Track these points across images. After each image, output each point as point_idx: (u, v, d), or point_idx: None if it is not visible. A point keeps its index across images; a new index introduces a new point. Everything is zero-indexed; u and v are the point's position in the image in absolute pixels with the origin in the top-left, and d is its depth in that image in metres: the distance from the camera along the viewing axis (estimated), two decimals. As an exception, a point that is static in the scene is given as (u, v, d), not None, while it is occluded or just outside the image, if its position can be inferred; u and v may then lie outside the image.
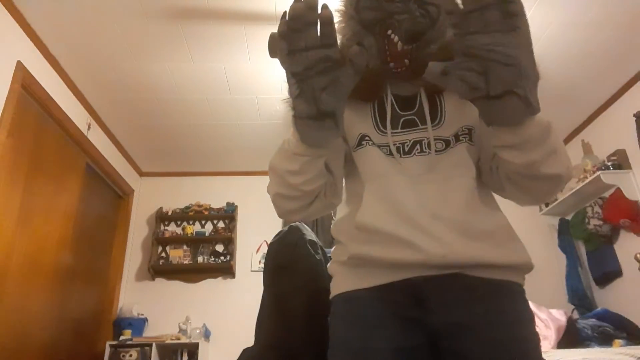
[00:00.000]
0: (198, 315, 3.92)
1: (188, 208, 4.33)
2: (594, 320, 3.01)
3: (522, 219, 3.35)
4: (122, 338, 3.59)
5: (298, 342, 1.02)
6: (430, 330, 0.80)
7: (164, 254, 4.18)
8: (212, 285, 4.13)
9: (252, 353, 1.10)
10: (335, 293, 0.90)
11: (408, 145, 0.88)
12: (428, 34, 0.86)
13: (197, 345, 3.63)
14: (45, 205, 2.97)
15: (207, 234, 4.25)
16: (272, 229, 1.73)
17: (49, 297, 3.00)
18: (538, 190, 0.80)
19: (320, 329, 0.89)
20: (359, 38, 0.91)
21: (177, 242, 4.21)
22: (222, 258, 4.12)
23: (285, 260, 1.11)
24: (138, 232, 4.29)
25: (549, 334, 2.91)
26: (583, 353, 2.08)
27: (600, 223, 3.53)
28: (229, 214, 4.31)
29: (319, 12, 0.62)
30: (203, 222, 4.36)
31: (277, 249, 1.15)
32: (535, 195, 0.82)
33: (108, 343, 3.55)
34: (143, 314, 3.89)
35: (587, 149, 3.79)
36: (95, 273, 3.73)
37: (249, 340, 1.12)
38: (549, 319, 2.98)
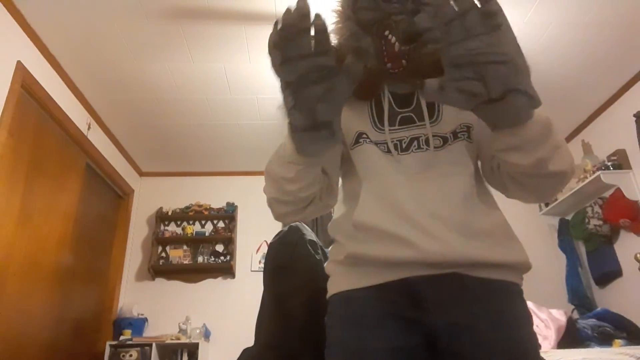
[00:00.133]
0: (198, 315, 3.92)
1: (188, 208, 4.33)
2: (594, 320, 3.00)
3: (522, 219, 3.38)
4: (122, 338, 3.59)
5: (298, 342, 1.02)
6: (428, 331, 0.79)
7: (164, 254, 4.18)
8: (212, 285, 4.13)
9: (252, 353, 1.11)
10: (333, 292, 0.90)
11: (405, 142, 0.88)
12: (425, 35, 0.86)
13: (197, 345, 3.63)
14: (45, 205, 2.97)
15: (207, 234, 4.25)
16: (272, 229, 1.72)
17: (49, 297, 2.99)
18: (543, 188, 0.79)
19: (320, 329, 0.89)
20: (357, 38, 0.90)
21: (177, 242, 4.21)
22: (222, 258, 4.12)
23: (285, 261, 1.11)
24: (138, 232, 4.29)
25: (549, 334, 2.90)
26: (583, 353, 2.08)
27: (600, 223, 3.53)
28: (229, 214, 4.31)
29: (312, 19, 0.61)
30: (203, 222, 4.36)
31: (277, 249, 1.15)
32: (541, 193, 0.82)
33: (108, 343, 3.55)
34: (143, 314, 3.89)
35: (587, 149, 3.79)
36: (95, 273, 3.73)
37: (249, 340, 1.12)
38: (549, 319, 2.97)
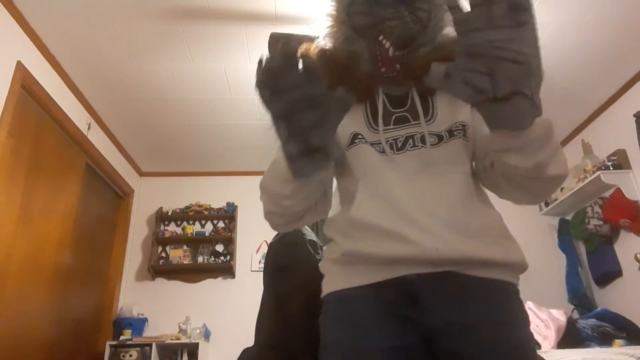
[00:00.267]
0: (198, 315, 3.92)
1: (188, 208, 4.33)
2: (594, 320, 3.01)
3: (522, 219, 3.39)
4: (122, 338, 3.59)
5: (298, 342, 1.02)
6: (426, 330, 0.79)
7: (164, 254, 4.18)
8: (212, 285, 4.13)
9: (252, 353, 1.10)
10: (327, 292, 0.88)
11: (401, 141, 0.87)
12: (419, 40, 0.86)
13: (197, 345, 3.63)
14: (45, 205, 2.97)
15: (207, 234, 4.25)
16: (272, 229, 1.72)
17: (49, 297, 2.99)
18: (539, 191, 0.79)
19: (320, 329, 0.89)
20: (351, 42, 0.92)
21: (177, 242, 4.21)
22: (222, 258, 4.12)
23: (285, 261, 1.11)
24: (138, 232, 4.29)
25: (549, 334, 2.91)
26: (583, 353, 2.08)
27: (600, 223, 3.53)
28: (229, 214, 4.31)
29: (299, 57, 0.59)
30: (203, 222, 4.36)
31: (277, 249, 1.15)
32: (536, 195, 0.82)
33: (108, 343, 3.55)
34: (143, 314, 3.89)
35: (587, 149, 3.79)
36: (95, 273, 3.73)
37: (249, 340, 1.12)
38: (549, 319, 2.97)
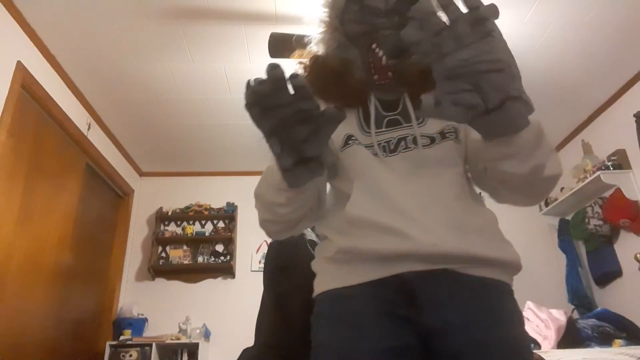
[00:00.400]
0: (198, 315, 3.92)
1: (188, 208, 4.33)
2: (594, 320, 3.00)
3: (522, 219, 3.39)
4: (122, 338, 3.59)
5: (298, 342, 1.02)
6: (423, 330, 0.78)
7: (164, 254, 4.18)
8: (212, 285, 4.13)
9: (252, 353, 1.10)
10: (320, 291, 0.87)
11: (393, 143, 0.88)
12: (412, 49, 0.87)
13: (197, 345, 3.63)
14: (45, 205, 2.97)
15: (207, 234, 4.25)
16: (272, 229, 1.72)
17: (49, 297, 2.99)
18: (536, 192, 0.80)
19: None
20: (344, 50, 0.93)
21: (177, 242, 4.21)
22: (222, 258, 4.12)
23: (285, 261, 1.11)
24: (138, 232, 4.29)
25: (549, 334, 2.91)
26: (583, 353, 2.08)
27: (600, 223, 3.53)
28: (229, 214, 4.31)
29: (288, 78, 0.60)
30: (203, 222, 4.36)
31: (277, 249, 1.15)
32: (533, 196, 0.82)
33: (108, 343, 3.55)
34: (143, 314, 3.89)
35: (587, 149, 3.79)
36: (95, 273, 3.73)
37: (249, 340, 1.12)
38: (549, 319, 2.97)
